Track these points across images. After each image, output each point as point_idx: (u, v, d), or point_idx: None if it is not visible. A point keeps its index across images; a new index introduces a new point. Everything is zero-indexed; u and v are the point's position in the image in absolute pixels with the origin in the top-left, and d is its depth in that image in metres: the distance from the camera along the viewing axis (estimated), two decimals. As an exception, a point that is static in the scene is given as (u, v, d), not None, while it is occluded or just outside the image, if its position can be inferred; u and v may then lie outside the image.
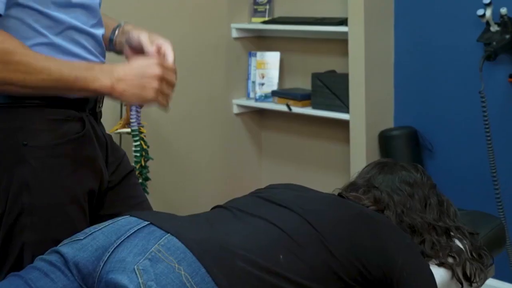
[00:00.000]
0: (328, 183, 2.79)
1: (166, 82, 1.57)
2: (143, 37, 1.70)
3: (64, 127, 1.57)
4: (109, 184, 1.73)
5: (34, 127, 1.54)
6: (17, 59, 1.44)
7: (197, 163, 3.61)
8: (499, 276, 2.81)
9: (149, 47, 1.68)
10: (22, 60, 1.44)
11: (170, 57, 1.65)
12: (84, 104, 1.62)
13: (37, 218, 1.56)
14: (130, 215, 1.51)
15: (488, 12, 2.82)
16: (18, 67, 1.44)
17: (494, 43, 2.75)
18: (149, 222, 1.46)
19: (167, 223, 1.47)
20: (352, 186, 1.85)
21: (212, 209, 1.71)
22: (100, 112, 1.73)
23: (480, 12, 2.83)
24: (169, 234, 1.41)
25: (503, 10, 2.74)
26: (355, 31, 3.17)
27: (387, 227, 1.63)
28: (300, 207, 1.60)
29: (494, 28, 2.85)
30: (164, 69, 1.56)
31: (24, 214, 1.55)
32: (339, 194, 1.81)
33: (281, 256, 1.45)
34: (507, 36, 2.75)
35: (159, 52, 1.67)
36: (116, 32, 1.79)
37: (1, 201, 1.55)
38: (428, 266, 1.63)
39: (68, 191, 1.59)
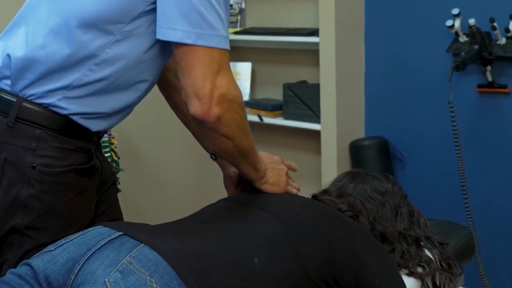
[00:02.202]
0: (299, 193, 2.79)
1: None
2: None
3: (73, 157, 1.58)
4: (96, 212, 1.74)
5: (45, 153, 1.54)
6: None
7: (168, 173, 3.59)
8: (468, 286, 2.83)
9: None
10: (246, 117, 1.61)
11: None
12: (92, 136, 1.63)
13: (26, 239, 1.55)
14: (103, 225, 1.49)
15: (457, 23, 2.85)
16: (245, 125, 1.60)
17: (463, 53, 2.78)
18: (121, 233, 1.44)
19: (140, 233, 1.45)
20: (324, 193, 1.86)
21: (186, 217, 1.70)
22: (100, 140, 1.74)
23: (449, 23, 2.86)
24: (142, 244, 1.40)
25: (472, 21, 2.78)
26: (326, 42, 3.19)
27: (362, 234, 1.64)
28: (276, 209, 1.61)
29: (462, 38, 2.88)
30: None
31: (14, 233, 1.55)
32: (314, 197, 1.82)
33: (256, 259, 1.44)
34: (476, 47, 2.78)
35: None
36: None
37: None
38: (400, 277, 1.64)
39: (63, 219, 1.58)
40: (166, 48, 1.56)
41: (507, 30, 2.73)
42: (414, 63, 3.14)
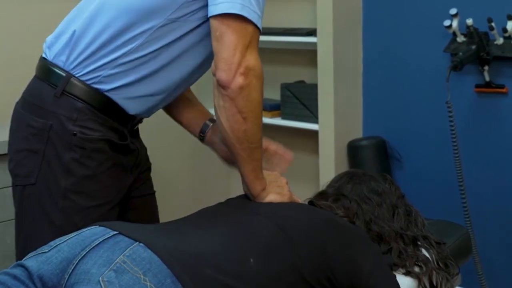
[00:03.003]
0: (297, 193, 2.78)
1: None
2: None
3: (107, 132, 1.76)
4: (132, 193, 1.94)
5: (84, 124, 1.73)
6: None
7: (166, 175, 3.59)
8: (466, 285, 2.83)
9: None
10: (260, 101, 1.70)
11: (288, 156, 2.01)
12: (128, 120, 1.81)
13: (67, 202, 1.73)
14: (100, 225, 1.50)
15: (455, 23, 2.85)
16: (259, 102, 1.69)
17: (461, 53, 2.78)
18: (116, 232, 1.45)
19: (135, 232, 1.46)
20: (321, 195, 1.87)
21: (181, 218, 1.71)
22: (137, 129, 1.94)
23: (446, 23, 2.86)
24: (137, 243, 1.40)
25: (469, 21, 2.78)
26: (324, 42, 3.19)
27: (357, 236, 1.64)
28: (272, 213, 1.61)
29: (460, 38, 2.88)
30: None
31: (57, 193, 1.73)
32: (310, 202, 1.82)
33: (251, 260, 1.45)
34: (473, 47, 2.78)
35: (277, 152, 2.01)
36: (207, 130, 2.04)
37: (32, 175, 1.75)
38: (395, 278, 1.64)
39: (100, 185, 1.76)
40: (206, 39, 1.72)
41: (505, 30, 2.73)
42: (412, 63, 3.14)
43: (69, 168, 1.72)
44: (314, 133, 3.35)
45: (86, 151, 1.73)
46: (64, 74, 1.73)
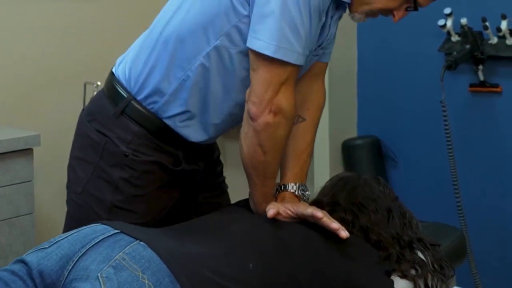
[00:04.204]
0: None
1: None
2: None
3: (159, 155, 1.75)
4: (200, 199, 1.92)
5: (137, 148, 1.73)
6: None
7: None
8: (460, 285, 2.83)
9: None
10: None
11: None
12: (186, 145, 1.78)
13: (111, 216, 1.72)
14: (101, 223, 1.50)
15: (449, 23, 2.86)
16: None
17: (455, 53, 2.79)
18: (116, 231, 1.45)
19: (136, 231, 1.46)
20: (316, 204, 1.86)
21: (182, 224, 1.71)
22: (205, 148, 1.87)
23: (441, 22, 2.87)
24: (137, 241, 1.40)
25: (464, 21, 2.78)
26: (318, 41, 3.18)
27: (354, 245, 1.65)
28: (269, 222, 1.62)
29: (454, 38, 2.89)
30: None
31: (101, 206, 1.75)
32: None
33: (250, 265, 1.45)
34: (467, 46, 2.79)
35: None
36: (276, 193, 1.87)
37: (80, 184, 1.78)
38: (392, 285, 1.65)
39: (147, 205, 1.76)
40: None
41: (499, 30, 2.74)
42: (407, 63, 3.15)
43: (118, 185, 1.73)
44: (309, 132, 3.35)
45: (137, 172, 1.73)
46: (126, 95, 1.74)
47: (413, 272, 1.74)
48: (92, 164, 1.76)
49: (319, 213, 1.61)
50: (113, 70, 1.82)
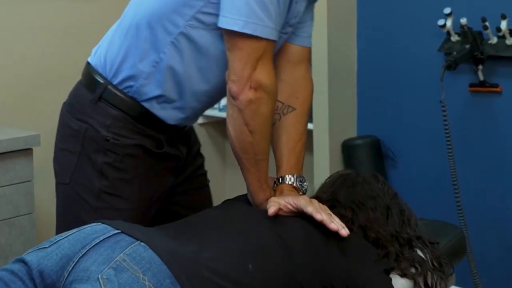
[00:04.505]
0: (291, 192, 2.79)
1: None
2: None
3: (142, 139, 1.76)
4: (176, 188, 1.92)
5: (117, 131, 1.74)
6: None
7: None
8: (460, 284, 2.84)
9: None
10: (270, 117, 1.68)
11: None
12: (167, 129, 1.79)
13: (101, 203, 1.75)
14: (102, 223, 1.50)
15: (449, 23, 2.86)
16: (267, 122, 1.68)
17: (455, 53, 2.78)
18: (117, 231, 1.44)
19: (137, 231, 1.46)
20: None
21: (182, 220, 1.71)
22: (185, 133, 1.91)
23: (441, 22, 2.87)
24: (138, 242, 1.40)
25: (463, 21, 2.78)
26: (318, 41, 3.18)
27: (353, 243, 1.65)
28: (270, 220, 1.61)
29: (454, 38, 2.89)
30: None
31: (90, 194, 1.76)
32: None
33: (250, 266, 1.45)
34: (467, 46, 2.79)
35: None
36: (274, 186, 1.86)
37: (67, 175, 1.78)
38: (391, 283, 1.65)
39: (135, 188, 1.77)
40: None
41: (499, 30, 2.74)
42: (406, 63, 3.15)
43: (102, 171, 1.75)
44: (309, 132, 3.32)
45: (119, 156, 1.74)
46: (102, 81, 1.76)
47: (412, 270, 1.73)
48: (75, 153, 1.77)
49: (318, 215, 1.60)
50: (89, 60, 1.85)
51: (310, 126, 3.28)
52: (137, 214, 1.78)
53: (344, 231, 1.60)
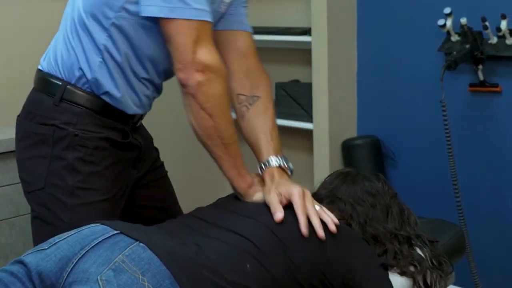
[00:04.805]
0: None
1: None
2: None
3: (108, 132, 1.80)
4: (139, 182, 1.96)
5: (84, 127, 1.77)
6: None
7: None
8: (460, 283, 2.84)
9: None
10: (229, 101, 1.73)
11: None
12: (128, 119, 1.84)
13: (75, 199, 1.76)
14: (100, 224, 1.50)
15: (449, 22, 2.86)
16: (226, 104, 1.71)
17: (455, 52, 2.78)
18: (116, 232, 1.45)
19: (135, 231, 1.46)
20: (315, 197, 1.86)
21: (177, 218, 1.71)
22: (139, 125, 1.95)
23: (440, 22, 2.87)
24: (137, 242, 1.40)
25: (463, 20, 2.78)
26: (318, 41, 3.19)
27: (349, 237, 1.65)
28: (265, 216, 1.61)
29: (454, 38, 2.89)
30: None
31: (64, 193, 1.77)
32: None
33: (248, 266, 1.45)
34: (467, 46, 2.79)
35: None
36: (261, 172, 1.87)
37: (40, 180, 1.79)
38: (388, 278, 1.65)
39: (106, 180, 1.79)
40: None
41: (499, 30, 2.74)
42: (406, 62, 3.15)
43: (74, 166, 1.76)
44: (309, 132, 3.36)
45: (89, 149, 1.77)
46: (60, 83, 1.79)
47: (412, 268, 1.74)
48: (47, 156, 1.79)
49: (304, 229, 1.59)
50: (39, 67, 1.88)
51: (310, 126, 3.30)
52: (110, 205, 1.81)
53: (333, 226, 1.61)
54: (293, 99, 3.39)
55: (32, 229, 1.88)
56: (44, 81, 1.83)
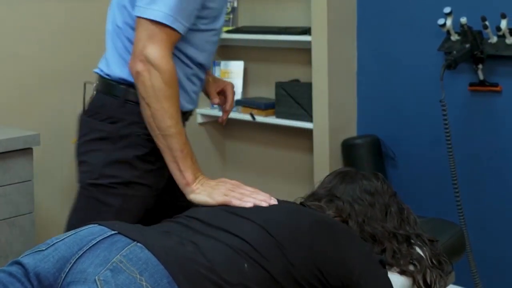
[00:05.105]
0: (291, 192, 2.79)
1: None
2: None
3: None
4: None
5: (146, 126, 1.84)
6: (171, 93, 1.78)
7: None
8: (460, 282, 2.84)
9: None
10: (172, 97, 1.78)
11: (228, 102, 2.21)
12: (183, 117, 1.92)
13: (129, 190, 1.89)
14: (99, 224, 1.50)
15: (449, 22, 2.86)
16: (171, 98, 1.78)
17: (455, 52, 2.78)
18: (113, 232, 1.45)
19: (133, 232, 1.46)
20: (314, 196, 1.86)
21: (174, 218, 1.70)
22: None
23: (440, 21, 2.87)
24: (134, 242, 1.40)
25: (463, 20, 2.78)
26: (318, 41, 3.19)
27: (346, 235, 1.64)
28: (261, 217, 1.61)
29: (454, 37, 2.89)
30: (234, 186, 1.81)
31: (120, 183, 1.88)
32: (301, 203, 1.82)
33: (246, 265, 1.45)
34: (467, 45, 2.79)
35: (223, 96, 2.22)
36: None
37: (97, 171, 1.90)
38: (386, 275, 1.64)
39: (159, 178, 1.94)
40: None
41: (498, 29, 2.74)
42: (406, 62, 3.15)
43: (132, 164, 1.89)
44: (309, 132, 3.36)
45: (148, 150, 1.88)
46: (121, 85, 1.90)
47: (411, 268, 1.74)
48: (106, 151, 1.90)
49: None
50: (98, 71, 1.99)
51: (310, 125, 3.30)
52: (155, 199, 1.95)
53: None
54: (293, 98, 3.39)
55: (76, 204, 1.98)
56: (106, 83, 1.94)
